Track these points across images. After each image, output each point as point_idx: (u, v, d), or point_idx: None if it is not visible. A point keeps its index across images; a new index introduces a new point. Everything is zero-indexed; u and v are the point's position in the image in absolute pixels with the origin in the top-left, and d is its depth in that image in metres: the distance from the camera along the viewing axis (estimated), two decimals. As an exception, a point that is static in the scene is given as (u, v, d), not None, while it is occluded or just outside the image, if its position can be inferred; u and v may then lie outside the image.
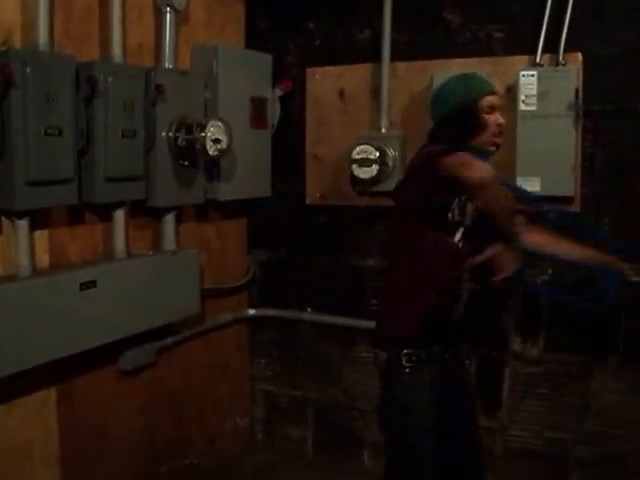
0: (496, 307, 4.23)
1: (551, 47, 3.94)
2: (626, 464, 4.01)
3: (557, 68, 3.90)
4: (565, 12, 3.88)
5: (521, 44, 4.06)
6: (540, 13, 3.96)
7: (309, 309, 4.73)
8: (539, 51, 3.95)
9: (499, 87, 4.00)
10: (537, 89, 3.88)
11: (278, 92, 4.61)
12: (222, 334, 4.67)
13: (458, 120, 3.12)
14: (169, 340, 4.09)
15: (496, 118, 3.12)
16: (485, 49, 4.17)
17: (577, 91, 3.84)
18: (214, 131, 3.75)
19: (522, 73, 3.90)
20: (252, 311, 4.89)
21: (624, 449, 4.01)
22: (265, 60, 4.54)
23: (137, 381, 3.94)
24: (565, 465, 4.16)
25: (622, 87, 3.90)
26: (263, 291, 4.90)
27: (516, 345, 4.24)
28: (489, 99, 3.14)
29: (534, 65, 3.96)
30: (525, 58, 4.04)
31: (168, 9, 3.82)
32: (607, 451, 4.06)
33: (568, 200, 3.97)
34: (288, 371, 4.89)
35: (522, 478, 4.28)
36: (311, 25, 4.60)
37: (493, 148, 3.15)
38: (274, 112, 4.62)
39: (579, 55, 3.94)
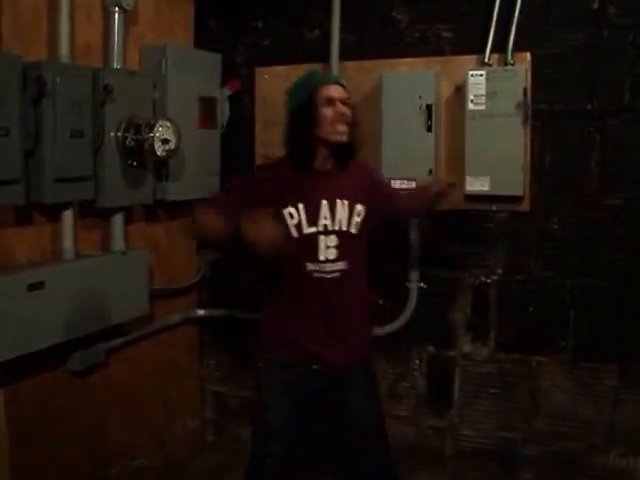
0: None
1: (500, 47, 4.06)
2: (576, 463, 4.13)
3: (506, 68, 4.01)
4: (513, 12, 4.01)
5: (470, 44, 4.18)
6: (489, 13, 4.07)
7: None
8: (488, 51, 4.06)
9: (448, 87, 4.20)
10: (486, 89, 3.99)
11: (227, 92, 4.67)
12: (171, 335, 4.72)
13: (297, 118, 3.23)
14: (118, 341, 4.14)
15: (336, 109, 3.18)
16: (434, 49, 4.28)
17: (525, 91, 3.96)
18: (163, 131, 3.83)
19: (471, 73, 4.01)
20: (201, 311, 4.95)
21: (574, 448, 4.13)
22: (214, 60, 4.61)
23: (86, 382, 3.99)
24: (516, 464, 4.27)
25: (570, 87, 4.03)
26: (213, 291, 4.95)
27: (466, 345, 4.35)
28: (325, 92, 3.20)
29: (483, 65, 4.06)
30: (474, 58, 4.16)
31: (116, 9, 3.89)
32: (557, 450, 4.18)
33: (517, 199, 4.10)
34: (238, 372, 4.92)
35: (473, 477, 4.37)
36: (260, 25, 4.69)
37: (340, 137, 3.19)
38: (223, 112, 4.69)
39: (527, 55, 4.06)
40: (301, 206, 3.19)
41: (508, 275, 4.24)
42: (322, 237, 3.21)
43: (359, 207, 3.29)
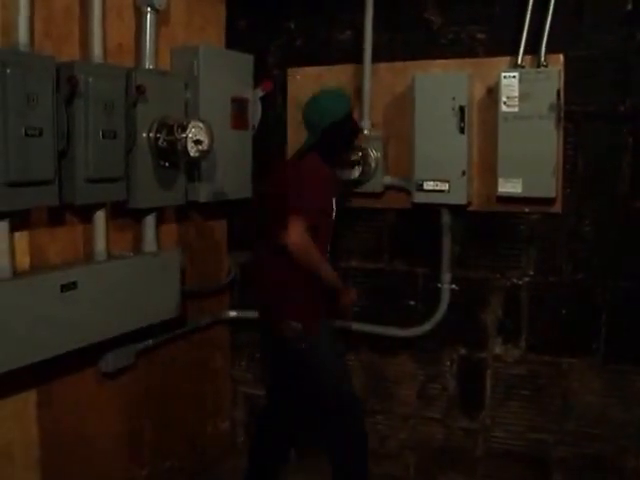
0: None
1: (533, 48, 3.97)
2: (607, 464, 4.04)
3: (539, 69, 3.92)
4: (546, 14, 3.91)
5: (503, 45, 4.09)
6: (522, 15, 3.98)
7: (290, 311, 4.71)
8: (521, 52, 3.98)
9: (481, 88, 4.13)
10: (519, 90, 3.90)
11: (259, 92, 4.61)
12: (203, 336, 4.66)
13: (344, 129, 3.77)
14: (150, 342, 4.08)
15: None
16: (467, 50, 4.20)
17: (558, 92, 3.86)
18: (195, 132, 3.74)
19: (503, 74, 3.92)
20: (233, 313, 4.87)
21: (604, 450, 4.04)
22: (246, 60, 4.54)
23: (118, 383, 3.94)
24: (547, 466, 4.19)
25: (603, 89, 3.93)
26: (244, 292, 4.87)
27: (497, 346, 4.26)
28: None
29: (515, 66, 3.98)
30: (507, 59, 4.07)
31: (148, 9, 3.82)
32: (587, 452, 4.09)
33: (549, 201, 4.01)
34: (269, 373, 4.87)
35: (503, 479, 4.29)
36: (292, 25, 4.62)
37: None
38: (255, 113, 4.62)
39: (560, 57, 3.97)
40: (334, 198, 3.76)
41: (540, 277, 4.15)
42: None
43: None
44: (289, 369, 3.87)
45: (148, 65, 3.87)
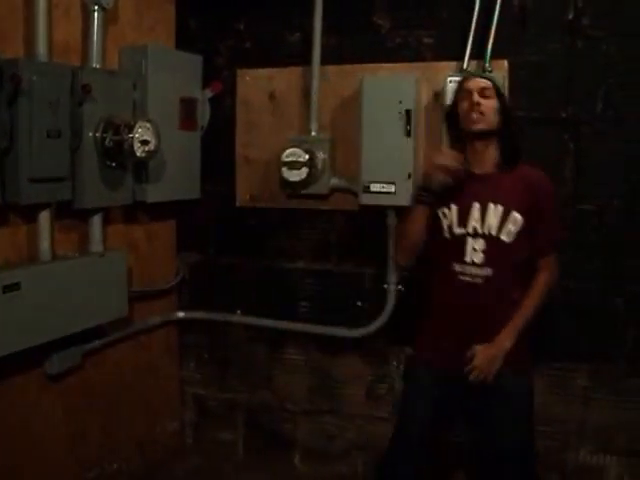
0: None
1: (478, 54, 3.93)
2: (549, 461, 4.03)
3: (483, 75, 3.81)
4: (492, 20, 3.88)
5: (449, 50, 4.05)
6: (468, 20, 3.94)
7: (239, 311, 4.65)
8: (466, 57, 3.94)
9: (428, 92, 4.07)
10: (464, 94, 3.85)
11: (208, 93, 4.52)
12: (151, 337, 4.57)
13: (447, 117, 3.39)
14: (96, 343, 3.97)
15: (470, 100, 3.15)
16: (414, 54, 4.15)
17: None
18: (142, 132, 3.65)
19: (449, 79, 3.85)
20: (181, 313, 4.78)
21: (547, 446, 4.02)
22: (195, 61, 4.45)
23: (63, 385, 3.83)
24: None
25: (546, 95, 3.92)
26: (192, 293, 4.80)
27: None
28: (464, 85, 3.24)
29: (461, 71, 3.92)
30: (453, 64, 4.03)
31: (96, 7, 3.69)
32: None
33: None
34: (218, 374, 4.80)
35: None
36: (242, 27, 4.52)
37: (473, 126, 3.14)
38: (204, 113, 4.53)
39: (505, 62, 3.94)
40: (454, 207, 3.20)
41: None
42: (470, 239, 3.17)
43: (516, 215, 3.16)
44: None
45: (95, 64, 3.75)
